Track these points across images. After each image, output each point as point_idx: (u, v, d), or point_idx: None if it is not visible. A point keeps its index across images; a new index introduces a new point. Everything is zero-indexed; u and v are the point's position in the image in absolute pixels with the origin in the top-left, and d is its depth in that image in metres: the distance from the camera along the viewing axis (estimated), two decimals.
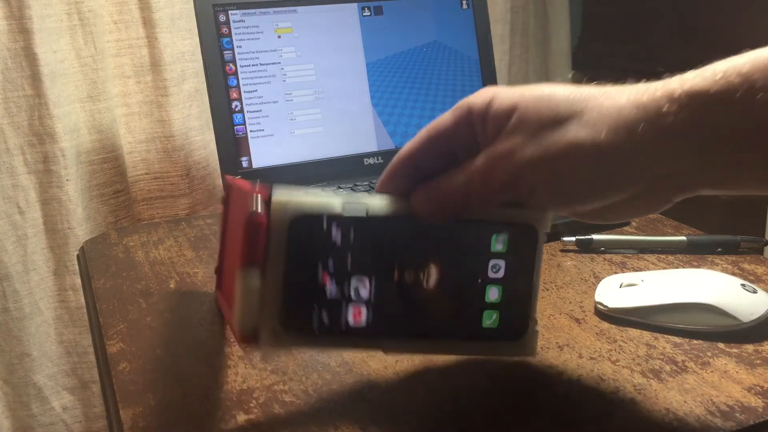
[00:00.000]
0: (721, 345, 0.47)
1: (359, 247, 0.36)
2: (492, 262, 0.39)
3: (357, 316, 0.37)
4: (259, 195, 0.35)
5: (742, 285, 0.50)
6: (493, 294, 0.39)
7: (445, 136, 0.39)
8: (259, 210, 0.34)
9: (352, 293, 0.37)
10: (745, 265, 0.59)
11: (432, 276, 0.38)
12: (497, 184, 0.36)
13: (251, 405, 0.42)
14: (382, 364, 0.46)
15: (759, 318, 0.48)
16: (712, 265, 0.60)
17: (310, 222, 0.35)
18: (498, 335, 0.40)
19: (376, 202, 0.37)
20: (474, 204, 0.37)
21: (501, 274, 0.39)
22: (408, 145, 0.39)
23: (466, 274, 0.39)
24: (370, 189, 0.75)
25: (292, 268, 0.35)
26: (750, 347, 0.47)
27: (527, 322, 0.40)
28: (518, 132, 0.35)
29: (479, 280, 0.39)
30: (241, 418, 0.41)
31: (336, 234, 0.36)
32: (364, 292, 0.37)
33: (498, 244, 0.39)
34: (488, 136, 0.37)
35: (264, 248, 0.35)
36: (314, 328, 0.36)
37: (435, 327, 0.39)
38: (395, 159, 0.40)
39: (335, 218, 0.36)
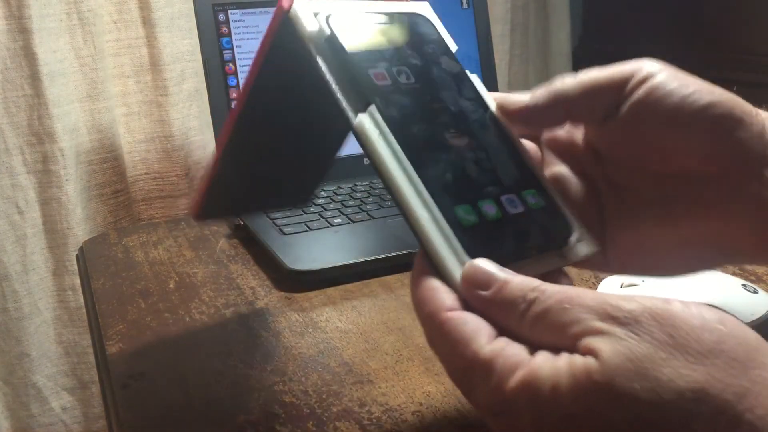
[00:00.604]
0: None
1: None
2: None
3: None
4: None
5: (743, 285, 0.50)
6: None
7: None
8: None
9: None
10: (746, 266, 0.59)
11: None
12: None
13: (251, 405, 0.42)
14: (382, 364, 0.46)
15: (760, 318, 0.48)
16: None
17: None
18: None
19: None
20: None
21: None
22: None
23: None
24: (370, 189, 0.74)
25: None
26: None
27: None
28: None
29: None
30: (241, 418, 0.41)
31: None
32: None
33: None
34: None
35: None
36: None
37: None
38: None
39: None
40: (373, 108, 0.30)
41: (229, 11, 0.75)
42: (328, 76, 0.31)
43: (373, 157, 0.30)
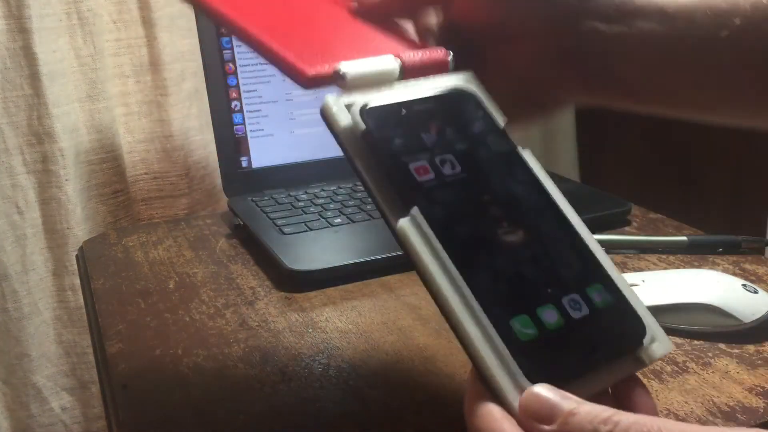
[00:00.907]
0: (722, 345, 0.47)
1: None
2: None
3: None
4: None
5: (743, 285, 0.50)
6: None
7: None
8: None
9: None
10: (746, 266, 0.59)
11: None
12: None
13: (251, 405, 0.42)
14: (382, 364, 0.46)
15: (760, 318, 0.48)
16: (713, 266, 0.60)
17: None
18: None
19: None
20: None
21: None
22: None
23: None
24: None
25: None
26: (751, 348, 0.47)
27: None
28: None
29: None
30: (241, 418, 0.41)
31: None
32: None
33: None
34: None
35: None
36: None
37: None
38: None
39: None
40: (415, 210, 0.28)
41: None
42: (365, 175, 0.29)
43: (418, 266, 0.27)
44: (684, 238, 0.63)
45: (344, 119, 0.30)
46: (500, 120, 0.33)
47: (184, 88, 0.92)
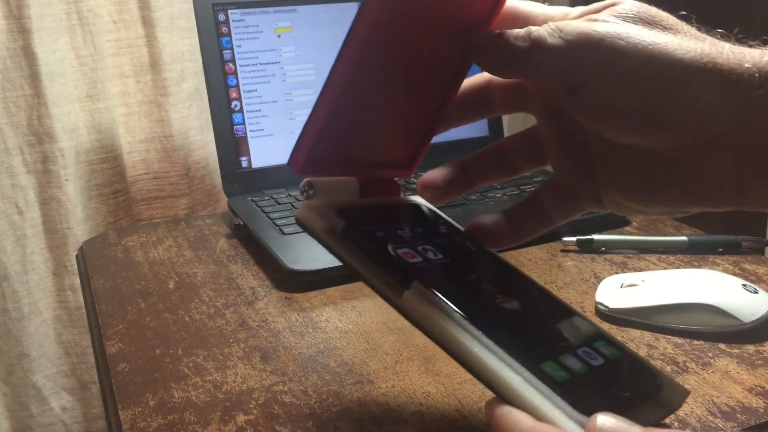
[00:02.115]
0: (722, 345, 0.47)
1: None
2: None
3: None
4: None
5: (743, 285, 0.50)
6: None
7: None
8: None
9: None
10: (746, 266, 0.59)
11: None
12: (546, 51, 0.31)
13: (251, 405, 0.42)
14: (382, 364, 0.46)
15: (760, 318, 0.48)
16: (713, 266, 0.60)
17: None
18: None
19: None
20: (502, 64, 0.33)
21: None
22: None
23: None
24: None
25: None
26: (751, 348, 0.47)
27: None
28: (605, 14, 0.31)
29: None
30: (241, 418, 0.41)
31: None
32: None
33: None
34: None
35: None
36: None
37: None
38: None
39: None
40: (416, 284, 0.29)
41: (229, 11, 0.75)
42: (356, 266, 0.31)
43: (435, 331, 0.28)
44: (684, 238, 0.63)
45: (323, 221, 0.32)
46: (460, 228, 0.36)
47: (184, 88, 0.92)
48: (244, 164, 0.75)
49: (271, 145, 0.76)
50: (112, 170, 0.90)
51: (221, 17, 0.75)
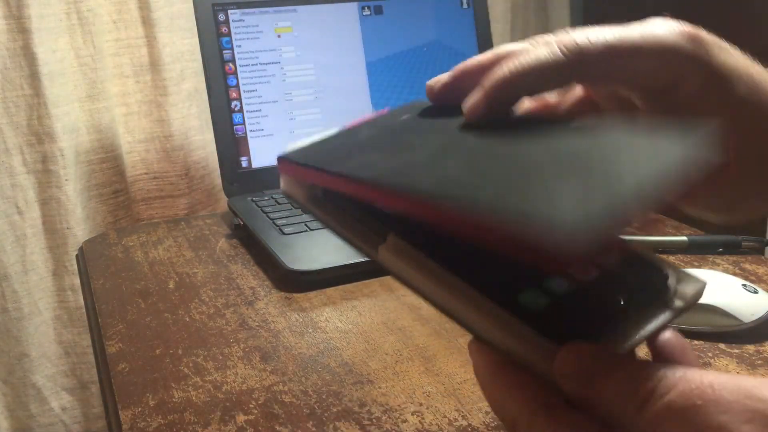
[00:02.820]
0: (722, 345, 0.47)
1: None
2: None
3: None
4: None
5: (743, 285, 0.50)
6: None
7: None
8: None
9: None
10: (746, 266, 0.59)
11: None
12: None
13: (251, 405, 0.42)
14: (382, 364, 0.46)
15: (760, 318, 0.48)
16: (713, 266, 0.60)
17: None
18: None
19: None
20: None
21: None
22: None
23: None
24: None
25: None
26: (751, 347, 0.47)
27: None
28: None
29: None
30: (241, 418, 0.41)
31: None
32: None
33: None
34: None
35: None
36: None
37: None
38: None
39: None
40: (392, 236, 0.29)
41: (229, 11, 0.75)
42: (335, 226, 0.31)
43: (413, 282, 0.28)
44: (684, 238, 0.63)
45: (302, 191, 0.31)
46: None
47: (184, 88, 0.92)
48: (244, 164, 0.75)
49: (271, 145, 0.76)
50: (112, 170, 0.90)
51: (221, 17, 0.75)
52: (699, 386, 0.20)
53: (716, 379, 0.20)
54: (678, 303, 0.26)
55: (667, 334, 0.26)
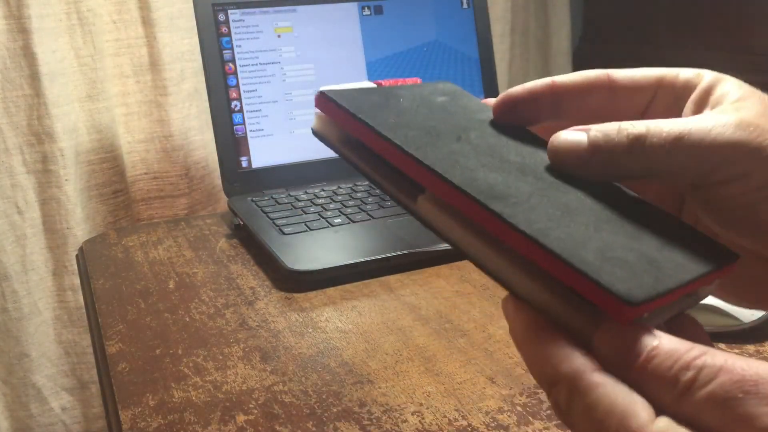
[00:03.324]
0: (722, 345, 0.47)
1: None
2: None
3: None
4: None
5: None
6: None
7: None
8: None
9: None
10: None
11: None
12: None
13: (251, 405, 0.42)
14: (382, 364, 0.46)
15: (760, 318, 0.48)
16: None
17: None
18: None
19: None
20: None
21: None
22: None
23: None
24: (370, 189, 0.74)
25: None
26: (751, 348, 0.47)
27: None
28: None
29: None
30: (241, 418, 0.41)
31: None
32: None
33: None
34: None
35: None
36: None
37: None
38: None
39: None
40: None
41: (229, 11, 0.75)
42: (371, 174, 0.30)
43: (451, 235, 0.26)
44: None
45: (336, 131, 0.31)
46: (489, 102, 0.32)
47: (184, 88, 0.92)
48: (244, 164, 0.75)
49: (271, 145, 0.76)
50: (112, 170, 0.90)
51: (221, 17, 0.75)
52: (741, 379, 0.21)
53: (758, 369, 0.21)
54: (702, 291, 0.26)
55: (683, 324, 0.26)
